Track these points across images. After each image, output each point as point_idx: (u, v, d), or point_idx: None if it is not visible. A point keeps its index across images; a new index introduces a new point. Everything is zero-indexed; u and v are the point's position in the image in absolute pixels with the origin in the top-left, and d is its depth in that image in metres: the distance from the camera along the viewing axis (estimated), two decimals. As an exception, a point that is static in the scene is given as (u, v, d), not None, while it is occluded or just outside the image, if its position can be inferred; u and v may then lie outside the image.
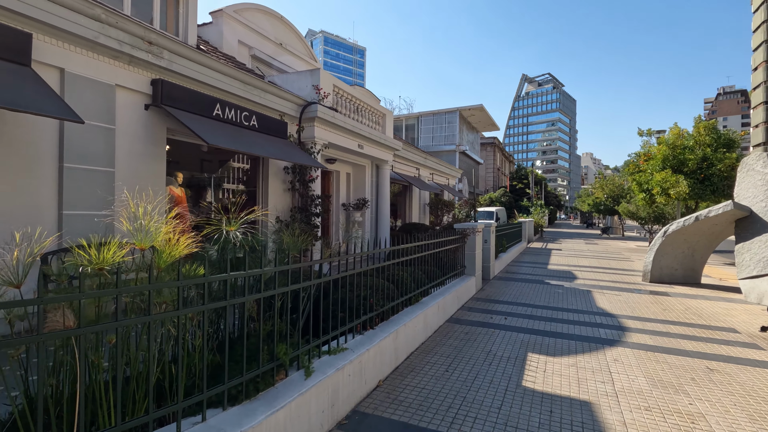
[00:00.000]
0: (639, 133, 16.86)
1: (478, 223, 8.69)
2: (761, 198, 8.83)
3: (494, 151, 53.99)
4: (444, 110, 38.31)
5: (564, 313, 6.92)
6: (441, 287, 6.80)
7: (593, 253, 17.78)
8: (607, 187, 31.74)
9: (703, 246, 10.20)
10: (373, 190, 12.90)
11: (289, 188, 8.84)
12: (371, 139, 11.23)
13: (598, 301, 7.89)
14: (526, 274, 11.24)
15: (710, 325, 6.40)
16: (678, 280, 10.36)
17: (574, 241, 25.69)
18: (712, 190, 14.32)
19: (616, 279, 10.72)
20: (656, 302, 7.93)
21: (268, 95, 7.96)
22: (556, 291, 8.84)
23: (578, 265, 13.27)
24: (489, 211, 26.33)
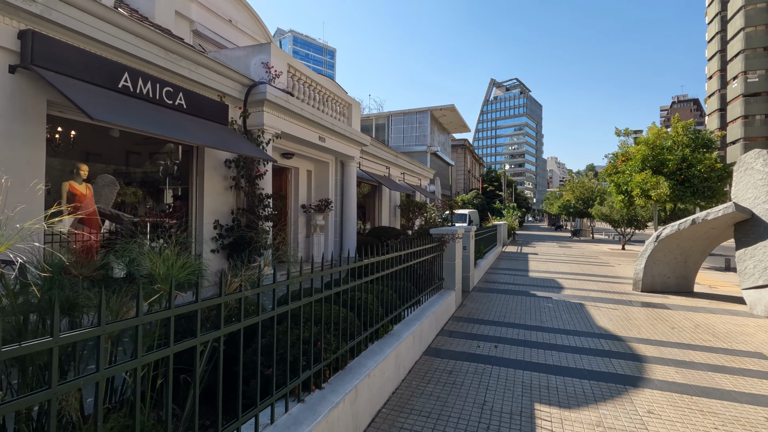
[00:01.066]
0: (616, 132, 16.27)
1: (457, 229, 7.44)
2: (763, 199, 8.05)
3: (465, 153, 53.62)
4: (415, 110, 37.29)
5: (563, 336, 5.74)
6: (416, 308, 5.47)
7: (570, 257, 17.03)
8: (577, 189, 31.60)
9: (697, 252, 9.40)
10: (338, 190, 11.46)
11: (232, 186, 7.28)
12: (335, 132, 9.80)
13: (595, 318, 6.79)
14: (507, 283, 10.11)
15: (732, 348, 5.38)
16: (671, 288, 9.51)
17: (547, 244, 25.13)
18: (692, 192, 13.79)
19: (605, 288, 9.76)
20: (659, 318, 6.92)
21: (203, 70, 6.40)
22: (545, 305, 7.70)
23: (560, 272, 12.31)
24: (462, 213, 25.40)
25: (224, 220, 7.13)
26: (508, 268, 12.99)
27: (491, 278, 10.87)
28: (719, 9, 58.06)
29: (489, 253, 14.01)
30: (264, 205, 7.21)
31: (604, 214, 22.26)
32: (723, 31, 57.25)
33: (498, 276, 11.31)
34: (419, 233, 7.31)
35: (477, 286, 9.54)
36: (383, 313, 4.27)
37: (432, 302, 5.96)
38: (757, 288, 7.60)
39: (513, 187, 50.01)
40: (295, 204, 10.78)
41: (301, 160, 10.71)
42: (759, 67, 50.26)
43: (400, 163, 15.93)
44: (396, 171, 15.91)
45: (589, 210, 28.86)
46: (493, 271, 12.37)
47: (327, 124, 9.29)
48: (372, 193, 15.22)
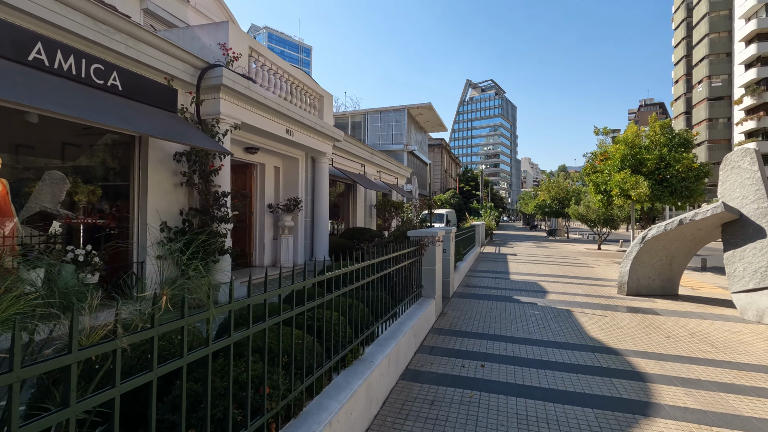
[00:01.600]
0: (595, 131, 16.07)
1: (438, 230, 6.78)
2: (752, 198, 7.76)
3: (442, 153, 53.43)
4: (392, 108, 36.67)
5: (555, 351, 5.16)
6: (393, 322, 4.77)
7: (549, 258, 16.74)
8: (553, 189, 31.72)
9: (683, 253, 9.09)
10: (308, 188, 10.64)
11: (183, 183, 6.38)
12: (304, 125, 8.99)
13: (586, 327, 6.27)
14: (489, 288, 9.56)
15: (736, 361, 4.92)
16: (656, 291, 9.17)
17: (524, 244, 24.97)
18: (670, 192, 13.67)
19: (590, 292, 9.33)
20: (651, 325, 6.46)
21: (144, 47, 5.50)
22: (531, 312, 7.15)
23: (541, 274, 11.89)
24: (440, 213, 24.93)
25: (173, 221, 6.23)
26: (488, 271, 12.48)
27: (472, 282, 10.30)
28: (685, 15, 60.07)
29: (468, 254, 13.48)
30: (220, 205, 6.34)
31: (580, 214, 22.21)
32: (689, 36, 59.26)
33: (479, 279, 10.76)
34: (396, 236, 6.63)
35: (457, 292, 8.93)
36: (352, 334, 3.55)
37: (410, 314, 5.27)
38: (748, 292, 7.28)
39: (489, 187, 50.17)
40: (260, 203, 9.89)
41: (268, 155, 9.84)
42: (722, 72, 52.21)
43: (376, 160, 15.22)
44: (372, 169, 15.19)
45: (566, 210, 28.96)
46: (473, 273, 11.82)
47: (295, 116, 8.47)
48: (346, 192, 14.45)
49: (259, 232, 9.84)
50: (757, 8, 46.65)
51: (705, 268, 13.66)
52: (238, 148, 8.86)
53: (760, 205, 7.50)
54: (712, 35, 52.82)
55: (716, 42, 52.59)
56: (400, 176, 19.12)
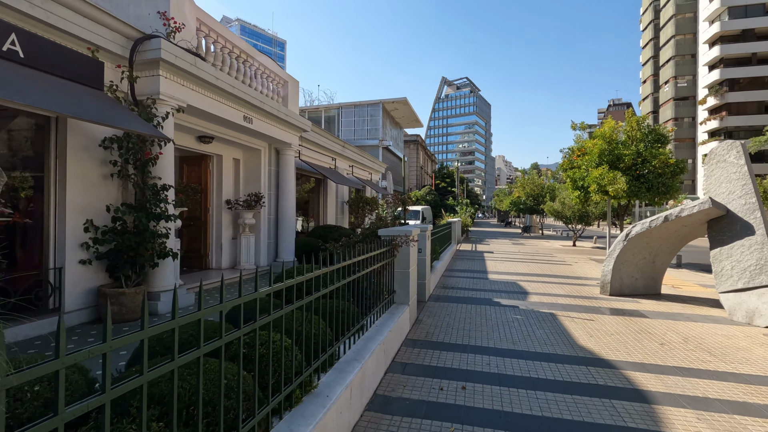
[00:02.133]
0: (572, 126, 15.76)
1: (412, 228, 6.08)
2: (739, 194, 7.42)
3: (418, 149, 53.00)
4: (367, 102, 35.81)
5: (545, 365, 4.55)
6: (360, 336, 4.04)
7: (527, 256, 16.40)
8: (528, 186, 31.71)
9: (666, 251, 8.74)
10: (272, 182, 9.74)
11: (114, 174, 5.43)
12: (265, 111, 8.10)
13: (573, 334, 5.71)
14: (467, 289, 8.95)
15: (739, 372, 4.44)
16: (639, 291, 8.79)
17: (500, 241, 24.72)
18: (647, 188, 13.47)
19: (571, 292, 8.87)
20: (642, 330, 5.98)
21: (57, 6, 4.52)
22: (514, 318, 6.56)
23: (520, 273, 11.41)
24: (415, 210, 24.32)
25: (101, 219, 5.27)
26: (465, 270, 11.92)
27: (449, 283, 9.68)
28: (653, 17, 61.70)
29: (444, 252, 12.90)
30: (159, 200, 5.42)
31: (556, 211, 22.08)
32: (656, 38, 60.91)
33: (456, 280, 10.15)
34: (365, 235, 5.88)
35: (434, 294, 8.27)
36: (303, 361, 2.79)
37: (381, 326, 4.55)
38: (736, 291, 6.93)
39: (465, 183, 50.12)
40: (217, 199, 8.94)
41: (225, 145, 8.89)
42: (687, 73, 53.87)
43: (348, 154, 14.40)
44: (343, 163, 14.37)
45: (541, 206, 28.95)
46: (450, 273, 11.22)
47: (254, 102, 7.58)
48: (316, 187, 13.59)
49: (216, 231, 8.89)
50: (720, 11, 48.23)
51: (680, 264, 13.56)
52: (190, 137, 7.89)
53: (747, 200, 7.16)
54: (678, 37, 54.40)
55: (682, 43, 54.20)
56: (375, 171, 18.37)
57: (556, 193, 29.75)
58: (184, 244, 8.94)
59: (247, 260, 8.90)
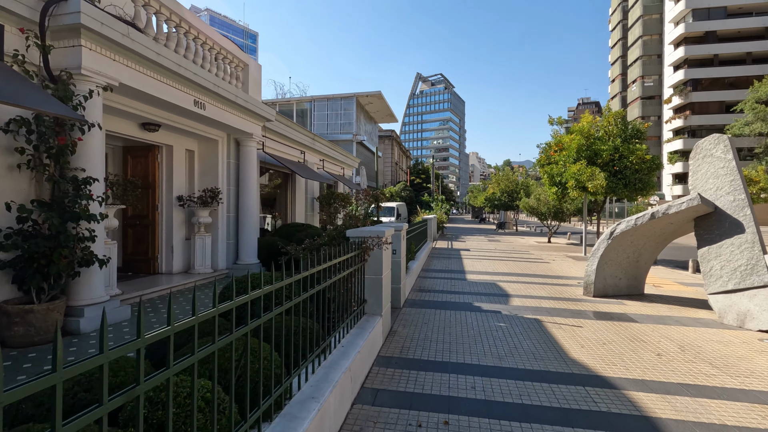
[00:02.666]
0: (549, 121, 15.45)
1: (385, 228, 5.37)
2: (727, 190, 7.09)
3: (392, 145, 52.39)
4: (340, 95, 34.81)
5: (537, 386, 3.94)
6: (322, 361, 3.31)
7: (503, 253, 16.03)
8: (503, 182, 31.62)
9: (650, 250, 8.39)
10: (231, 177, 8.82)
11: (22, 165, 4.46)
12: (221, 97, 7.20)
13: (563, 345, 5.17)
14: (445, 292, 8.35)
15: (749, 389, 3.99)
16: (622, 291, 8.42)
17: (476, 238, 24.41)
18: (624, 184, 13.28)
19: (554, 293, 8.41)
20: (634, 338, 5.51)
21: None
22: (497, 325, 5.97)
23: (499, 273, 10.93)
24: (389, 206, 23.71)
25: (4, 220, 4.31)
26: (442, 270, 11.34)
27: (426, 285, 9.05)
28: (621, 17, 63.17)
29: (420, 251, 12.29)
30: (80, 196, 4.49)
31: (531, 207, 21.90)
32: (624, 38, 62.41)
33: (433, 281, 9.54)
34: (332, 237, 5.14)
35: (409, 299, 7.61)
36: (238, 414, 2.04)
37: (348, 346, 3.83)
38: (727, 293, 6.59)
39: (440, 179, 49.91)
40: (167, 195, 7.96)
41: (176, 135, 7.92)
42: (654, 73, 55.43)
43: (319, 147, 13.54)
44: (314, 157, 13.51)
45: (516, 203, 28.88)
46: (426, 274, 10.61)
47: (207, 84, 6.67)
48: (284, 182, 12.68)
49: (167, 231, 7.91)
50: (684, 13, 49.73)
51: (656, 261, 13.46)
52: (131, 123, 6.90)
53: (736, 196, 6.83)
54: (645, 37, 55.84)
55: (649, 44, 55.68)
56: (347, 166, 17.56)
57: (531, 190, 29.77)
58: (129, 246, 7.93)
59: (202, 263, 7.98)
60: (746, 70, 47.62)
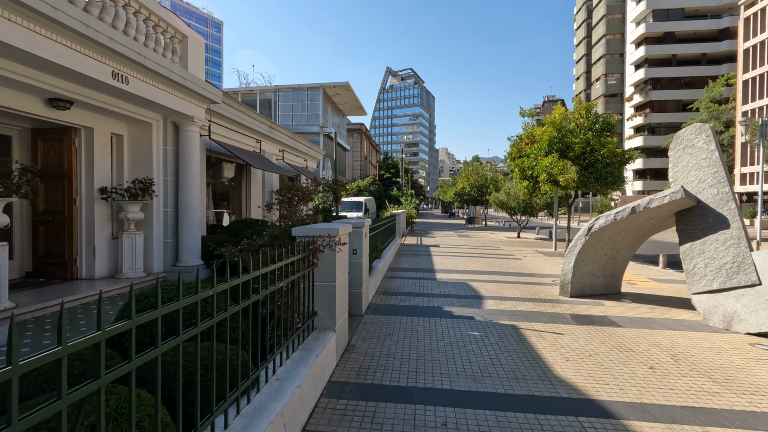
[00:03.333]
0: (521, 113, 15.00)
1: (340, 225, 4.50)
2: (710, 182, 6.65)
3: (362, 139, 51.37)
4: (306, 85, 33.40)
5: (521, 417, 3.21)
6: (238, 412, 2.42)
7: (474, 249, 15.51)
8: (472, 176, 31.33)
9: (628, 246, 7.95)
10: (168, 166, 7.68)
11: None
12: (149, 70, 6.08)
13: (547, 358, 4.50)
14: (413, 294, 7.59)
15: (761, 410, 3.42)
16: (600, 291, 7.95)
17: (445, 233, 23.93)
18: (595, 178, 12.98)
19: (529, 294, 7.82)
20: (622, 347, 4.92)
21: None
22: (470, 335, 5.25)
23: (470, 271, 10.30)
24: (357, 201, 22.81)
25: None
26: (410, 269, 10.59)
27: (392, 286, 8.26)
28: (586, 16, 64.54)
29: (387, 249, 11.52)
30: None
31: (501, 202, 21.59)
32: (588, 36, 63.83)
33: (400, 282, 8.77)
34: (275, 236, 4.24)
35: (373, 304, 6.79)
36: None
37: (284, 380, 2.96)
38: (712, 293, 6.15)
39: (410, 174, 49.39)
40: (88, 187, 6.76)
41: (98, 115, 6.72)
42: (616, 71, 56.95)
43: (278, 137, 12.46)
44: (272, 147, 12.41)
45: (486, 197, 28.65)
46: (393, 273, 9.83)
47: (128, 53, 5.54)
48: (239, 174, 11.55)
49: (86, 229, 6.72)
50: (645, 14, 51.22)
51: (626, 256, 13.26)
52: (35, 99, 5.69)
53: (720, 189, 6.40)
54: (609, 36, 57.26)
55: (612, 43, 57.13)
56: (311, 158, 16.51)
57: (500, 185, 29.63)
58: (41, 247, 6.70)
59: (132, 266, 6.84)
60: (701, 70, 49.65)
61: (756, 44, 37.29)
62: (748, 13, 38.01)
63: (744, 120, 17.52)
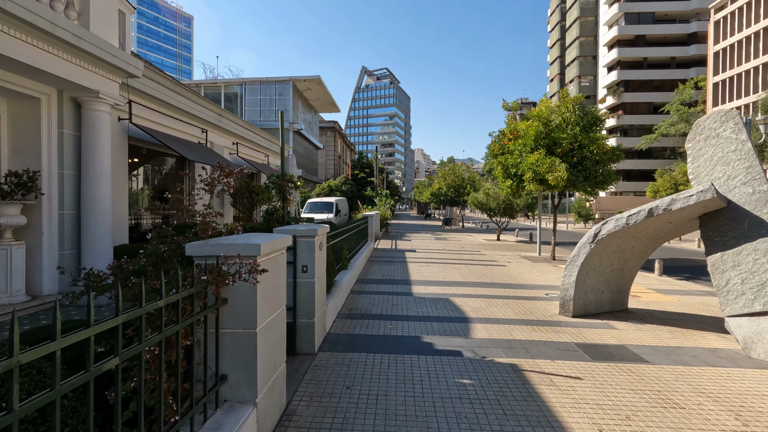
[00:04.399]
0: (504, 106, 13.82)
1: (268, 238, 2.98)
2: (742, 179, 5.45)
3: (335, 137, 49.66)
4: (275, 78, 31.42)
5: None
6: None
7: (453, 254, 14.21)
8: (449, 176, 30.20)
9: (638, 254, 6.76)
10: (65, 155, 5.93)
11: None
12: (24, 22, 4.38)
13: (571, 427, 3.13)
14: (384, 318, 6.13)
15: None
16: (605, 307, 6.73)
17: (422, 236, 22.63)
18: (584, 176, 11.91)
19: (524, 313, 6.51)
20: (665, 402, 3.62)
21: None
22: (459, 386, 3.83)
23: (451, 282, 8.94)
24: (327, 202, 21.19)
25: None
26: (383, 280, 9.14)
27: (359, 306, 6.78)
28: (559, 19, 64.97)
29: (357, 256, 10.04)
30: None
31: (480, 202, 20.47)
32: (562, 38, 64.27)
33: (369, 299, 7.30)
34: (162, 256, 2.72)
35: (331, 335, 5.28)
36: None
37: None
38: (753, 316, 4.98)
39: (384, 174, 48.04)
40: (-61, 181, 4.96)
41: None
42: (589, 73, 57.42)
43: (230, 127, 10.75)
44: (223, 138, 10.71)
45: (465, 198, 27.57)
46: (361, 287, 8.36)
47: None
48: (180, 170, 9.79)
49: (-63, 240, 4.93)
50: (618, 16, 51.72)
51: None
52: None
53: (756, 188, 5.23)
54: (582, 38, 57.68)
55: (585, 45, 57.57)
56: (274, 154, 14.82)
57: (478, 185, 28.63)
58: None
59: (6, 289, 5.08)
60: (671, 73, 50.51)
61: (726, 47, 37.94)
62: (718, 17, 38.65)
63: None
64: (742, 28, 36.23)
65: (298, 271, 4.38)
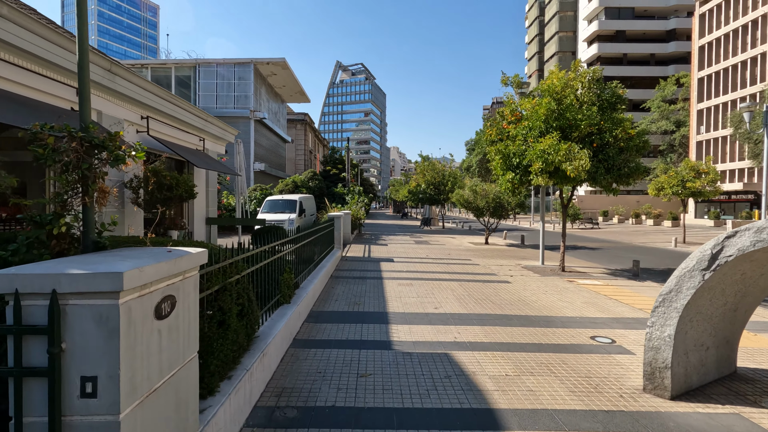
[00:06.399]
0: (503, 80, 11.18)
1: None
2: None
3: (306, 130, 46.32)
4: (234, 60, 27.85)
5: None
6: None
7: (440, 265, 11.48)
8: (429, 172, 27.58)
9: (758, 291, 4.16)
10: None
11: None
12: None
13: None
14: (340, 418, 3.27)
15: None
16: (711, 372, 4.11)
17: (399, 238, 19.86)
18: (606, 167, 9.41)
19: (583, 392, 3.79)
20: None
21: None
22: None
23: (448, 317, 6.17)
24: (289, 200, 18.12)
25: None
26: (347, 316, 6.25)
27: (297, 382, 3.88)
28: (538, 13, 63.64)
29: (315, 274, 7.16)
30: None
31: (466, 201, 17.88)
32: (541, 34, 62.96)
33: (319, 363, 4.41)
34: None
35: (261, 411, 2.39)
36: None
37: None
38: None
39: (358, 170, 45.07)
40: None
41: None
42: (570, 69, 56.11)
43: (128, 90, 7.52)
44: (120, 108, 7.52)
45: (450, 195, 25.00)
46: (312, 332, 5.45)
47: None
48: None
49: None
50: (598, 11, 50.55)
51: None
52: None
53: None
54: (561, 34, 56.39)
55: (564, 40, 56.32)
56: (213, 138, 11.63)
57: (460, 182, 26.17)
58: None
59: None
60: (650, 70, 49.76)
61: (712, 41, 36.96)
62: (704, 9, 37.66)
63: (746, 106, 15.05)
64: (729, 21, 35.27)
65: (64, 394, 1.48)
